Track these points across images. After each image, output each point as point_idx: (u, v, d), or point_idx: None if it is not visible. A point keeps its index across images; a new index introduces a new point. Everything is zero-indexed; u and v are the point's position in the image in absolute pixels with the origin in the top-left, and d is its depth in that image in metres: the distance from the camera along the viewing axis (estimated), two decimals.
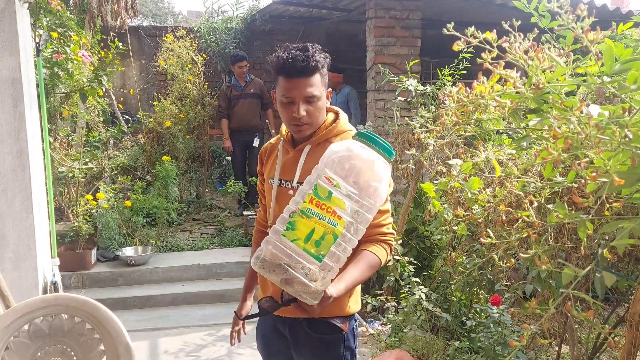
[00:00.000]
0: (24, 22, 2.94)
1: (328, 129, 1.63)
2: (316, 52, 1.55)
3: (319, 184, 1.31)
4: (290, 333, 1.72)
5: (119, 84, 6.85)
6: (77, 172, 4.77)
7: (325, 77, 1.60)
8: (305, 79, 1.53)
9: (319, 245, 1.29)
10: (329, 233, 1.29)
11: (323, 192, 1.29)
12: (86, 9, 5.95)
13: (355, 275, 1.50)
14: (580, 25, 0.95)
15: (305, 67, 1.52)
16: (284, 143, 1.71)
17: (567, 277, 1.01)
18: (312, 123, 1.60)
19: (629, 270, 2.92)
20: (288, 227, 1.30)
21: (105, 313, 2.00)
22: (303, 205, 1.30)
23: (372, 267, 1.55)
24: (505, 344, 2.67)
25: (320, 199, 1.30)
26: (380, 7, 4.92)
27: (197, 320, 4.01)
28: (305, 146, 1.64)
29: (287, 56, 1.53)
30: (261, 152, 1.82)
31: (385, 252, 1.60)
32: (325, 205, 1.29)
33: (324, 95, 1.61)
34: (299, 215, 1.30)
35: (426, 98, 3.86)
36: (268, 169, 1.76)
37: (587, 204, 0.97)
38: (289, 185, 1.63)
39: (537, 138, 1.13)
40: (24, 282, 2.92)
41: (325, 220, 1.29)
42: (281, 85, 1.56)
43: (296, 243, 1.29)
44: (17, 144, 2.84)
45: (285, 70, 1.53)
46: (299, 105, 1.55)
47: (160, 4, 14.01)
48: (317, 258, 1.29)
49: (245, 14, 7.37)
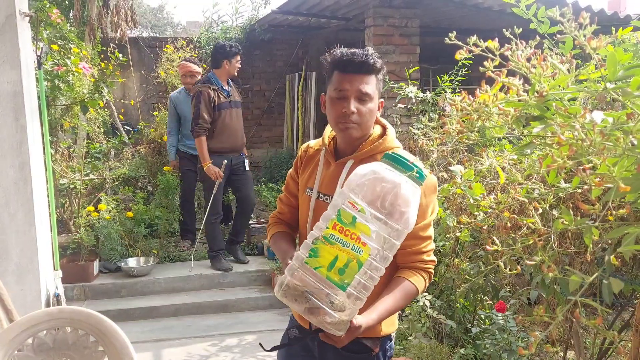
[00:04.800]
0: (24, 35, 2.95)
1: (374, 144, 1.55)
2: (376, 56, 1.51)
3: (342, 208, 1.25)
4: (318, 349, 1.65)
5: (119, 95, 6.87)
6: (78, 184, 4.77)
7: (380, 84, 1.55)
8: (362, 75, 1.48)
9: (342, 274, 1.23)
10: (353, 260, 1.23)
11: (347, 217, 1.24)
12: (86, 21, 5.98)
13: (388, 306, 1.44)
14: (583, 33, 0.96)
15: (364, 62, 1.47)
16: (326, 154, 1.63)
17: (574, 284, 1.01)
18: (360, 124, 1.51)
19: (633, 275, 2.92)
20: (311, 254, 1.25)
21: (109, 325, 1.99)
22: (326, 231, 1.25)
23: (407, 297, 1.49)
24: (511, 350, 2.65)
25: (344, 225, 1.24)
26: (378, 15, 4.95)
27: (200, 330, 4.00)
28: (348, 160, 1.56)
29: (347, 51, 1.49)
30: (301, 153, 1.74)
31: (423, 282, 1.52)
32: (350, 232, 1.23)
33: (377, 101, 1.54)
34: (322, 242, 1.25)
35: (426, 105, 3.88)
36: (305, 177, 1.68)
37: (593, 211, 0.97)
38: (328, 199, 1.56)
39: (541, 145, 1.13)
40: (27, 295, 2.91)
41: (349, 247, 1.23)
42: (335, 80, 1.51)
43: (319, 271, 1.23)
44: (19, 157, 2.85)
45: (342, 64, 1.49)
46: (351, 101, 1.48)
47: (160, 15, 14.07)
48: (342, 287, 1.24)
49: (245, 24, 7.41)
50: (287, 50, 7.54)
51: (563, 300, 2.08)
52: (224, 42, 4.70)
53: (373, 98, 1.51)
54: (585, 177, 0.94)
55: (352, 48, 1.52)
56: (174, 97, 5.21)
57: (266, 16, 6.79)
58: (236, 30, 7.31)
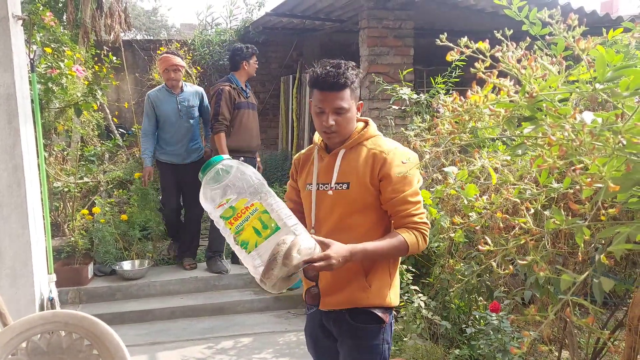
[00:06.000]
0: (17, 38, 2.94)
1: (360, 133, 1.79)
2: (348, 69, 1.72)
3: (220, 214, 1.54)
4: (335, 326, 1.82)
5: (113, 97, 6.85)
6: (72, 187, 4.76)
7: (355, 92, 1.76)
8: (336, 92, 1.70)
9: (266, 227, 1.50)
10: (260, 216, 1.50)
11: (226, 213, 1.53)
12: (80, 24, 5.96)
13: (376, 244, 1.65)
14: (572, 35, 0.97)
15: (336, 82, 1.69)
16: (319, 150, 1.85)
17: (565, 283, 1.01)
18: (339, 132, 1.75)
19: (626, 274, 2.93)
20: (242, 243, 1.51)
21: (103, 329, 1.99)
22: (232, 230, 1.52)
23: (396, 247, 1.67)
24: (506, 350, 2.66)
25: (232, 216, 1.52)
26: (372, 18, 4.96)
27: (196, 333, 3.99)
28: (340, 150, 1.79)
29: (321, 71, 1.70)
30: (295, 161, 1.97)
31: (415, 238, 1.70)
32: (238, 214, 1.51)
33: (354, 108, 1.76)
34: (237, 233, 1.52)
35: (420, 106, 3.89)
36: (303, 176, 1.89)
37: (583, 210, 0.97)
38: (327, 187, 1.78)
39: (532, 145, 1.14)
40: (21, 299, 2.90)
41: (252, 216, 1.51)
42: (315, 96, 1.74)
43: (254, 242, 1.49)
44: (12, 160, 2.84)
45: (319, 84, 1.71)
46: (329, 116, 1.71)
47: (154, 17, 14.04)
48: (276, 229, 1.50)
49: (239, 26, 7.41)
50: (281, 53, 7.54)
51: (557, 300, 2.10)
52: (241, 45, 4.72)
53: (349, 108, 1.73)
54: (576, 177, 0.95)
55: (327, 64, 1.73)
56: (152, 96, 4.63)
57: (260, 18, 6.79)
58: (230, 33, 7.31)
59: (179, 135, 4.63)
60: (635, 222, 1.07)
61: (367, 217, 1.75)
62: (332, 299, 1.78)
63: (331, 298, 1.78)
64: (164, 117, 4.60)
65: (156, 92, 4.67)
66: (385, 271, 1.80)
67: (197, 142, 4.77)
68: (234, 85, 4.56)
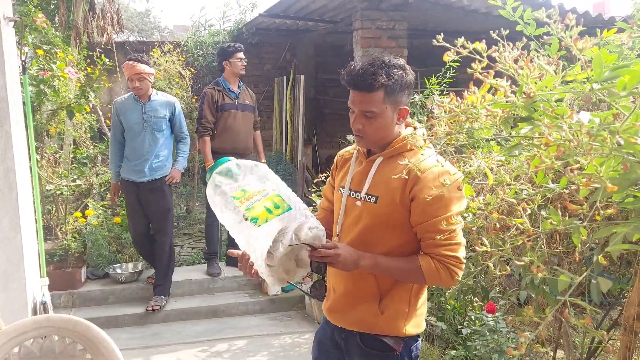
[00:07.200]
0: (9, 40, 2.91)
1: (402, 143, 1.62)
2: (383, 69, 1.52)
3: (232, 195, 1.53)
4: (345, 343, 1.74)
5: (106, 99, 6.81)
6: (65, 190, 4.72)
7: (394, 95, 1.56)
8: (363, 93, 1.54)
9: (277, 207, 1.48)
10: (271, 197, 1.50)
11: (239, 194, 1.53)
12: (72, 26, 5.93)
13: (389, 260, 1.57)
14: (569, 35, 0.96)
15: (362, 82, 1.52)
16: (358, 153, 1.73)
17: (563, 284, 1.01)
18: (366, 137, 1.60)
19: (621, 274, 2.94)
20: (252, 219, 1.46)
21: (97, 333, 1.97)
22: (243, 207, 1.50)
23: (409, 270, 1.56)
24: (502, 351, 2.67)
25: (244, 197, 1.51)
26: (366, 18, 4.96)
27: (190, 336, 3.97)
28: (377, 158, 1.64)
29: (354, 66, 1.55)
30: (337, 158, 1.84)
31: (434, 269, 1.53)
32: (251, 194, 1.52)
33: (388, 113, 1.57)
34: (247, 210, 1.48)
35: (414, 107, 3.89)
36: (340, 177, 1.77)
37: (581, 211, 0.97)
38: (358, 195, 1.65)
39: (528, 145, 1.14)
40: (13, 303, 2.87)
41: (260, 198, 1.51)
42: (350, 94, 1.59)
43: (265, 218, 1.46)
44: (3, 163, 2.81)
45: (347, 81, 1.57)
46: (357, 117, 1.58)
47: (147, 18, 14.00)
48: (287, 210, 1.48)
49: (232, 28, 7.39)
50: (275, 54, 7.53)
51: (552, 300, 2.10)
52: (226, 43, 4.60)
53: (379, 113, 1.55)
54: (572, 177, 0.95)
55: (368, 61, 1.55)
56: (118, 104, 4.17)
57: (254, 19, 6.78)
58: (224, 34, 7.30)
59: (142, 150, 4.09)
60: (632, 221, 1.06)
61: (394, 235, 1.60)
62: (343, 316, 1.70)
63: (342, 315, 1.70)
64: (127, 127, 4.14)
65: (123, 99, 4.20)
66: (404, 300, 1.65)
67: (161, 160, 4.16)
68: (220, 87, 4.54)
